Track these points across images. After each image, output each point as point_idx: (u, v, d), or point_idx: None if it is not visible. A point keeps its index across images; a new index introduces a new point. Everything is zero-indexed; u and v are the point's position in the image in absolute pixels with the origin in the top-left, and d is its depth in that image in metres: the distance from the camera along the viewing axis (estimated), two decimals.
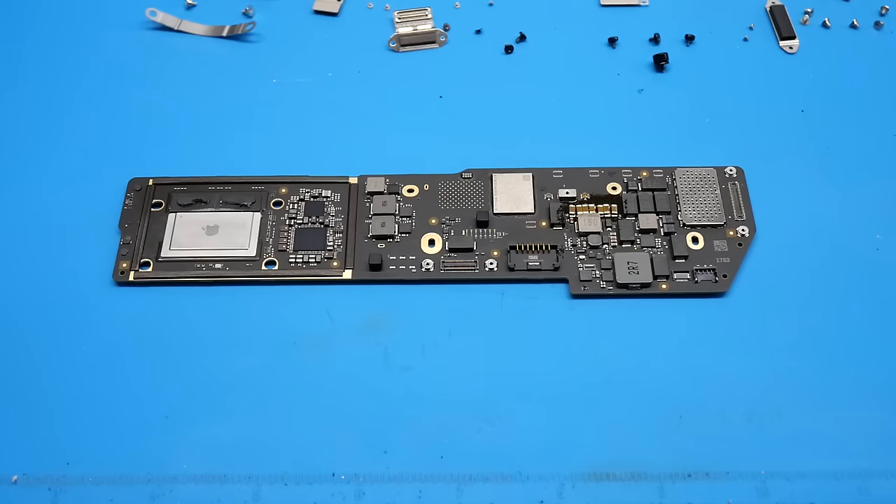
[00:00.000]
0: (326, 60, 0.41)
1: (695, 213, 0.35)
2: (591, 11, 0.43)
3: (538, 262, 0.34)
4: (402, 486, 0.29)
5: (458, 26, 0.42)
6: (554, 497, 0.29)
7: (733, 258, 0.34)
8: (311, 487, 0.29)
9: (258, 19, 0.42)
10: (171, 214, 0.35)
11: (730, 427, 0.30)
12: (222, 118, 0.39)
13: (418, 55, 0.42)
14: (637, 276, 0.33)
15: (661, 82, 0.40)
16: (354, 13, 0.43)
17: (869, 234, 0.35)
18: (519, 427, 0.30)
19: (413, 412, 0.30)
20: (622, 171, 0.36)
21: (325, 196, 0.36)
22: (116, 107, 0.39)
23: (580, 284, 0.33)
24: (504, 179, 0.36)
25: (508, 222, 0.35)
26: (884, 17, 0.43)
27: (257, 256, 0.34)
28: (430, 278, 0.34)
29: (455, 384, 0.31)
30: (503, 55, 0.42)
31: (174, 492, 0.29)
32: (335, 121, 0.39)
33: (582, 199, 0.36)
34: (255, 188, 0.36)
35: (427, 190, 0.36)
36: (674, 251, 0.34)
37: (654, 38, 0.42)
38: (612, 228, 0.35)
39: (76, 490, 0.29)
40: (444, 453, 0.30)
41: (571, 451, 0.30)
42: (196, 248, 0.34)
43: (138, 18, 0.42)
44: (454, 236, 0.34)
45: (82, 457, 0.29)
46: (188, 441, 0.30)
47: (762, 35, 0.42)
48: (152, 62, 0.41)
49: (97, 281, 0.34)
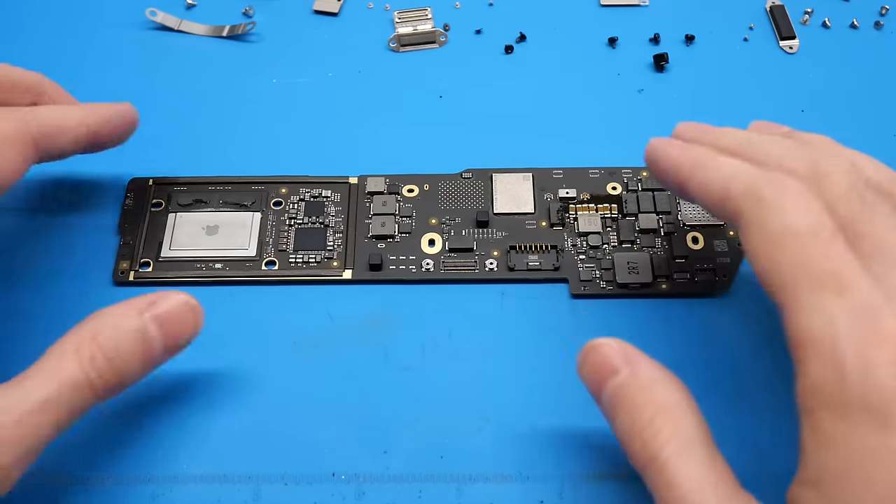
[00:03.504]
0: (326, 60, 0.41)
1: (695, 213, 0.35)
2: (591, 11, 0.43)
3: (538, 262, 0.34)
4: (402, 486, 0.29)
5: (458, 26, 0.43)
6: (554, 497, 0.29)
7: (733, 258, 0.34)
8: (311, 487, 0.29)
9: (258, 19, 0.42)
10: (171, 214, 0.35)
11: (731, 426, 0.30)
12: (222, 118, 0.39)
13: (418, 55, 0.42)
14: (637, 276, 0.33)
15: (661, 82, 0.40)
16: (354, 13, 0.43)
17: None
18: (519, 427, 0.30)
19: (413, 412, 0.30)
20: (622, 171, 0.36)
21: (325, 196, 0.36)
22: None
23: (580, 284, 0.33)
24: (504, 179, 0.36)
25: (508, 222, 0.35)
26: (884, 17, 0.43)
27: (257, 256, 0.34)
28: (430, 278, 0.34)
29: (455, 384, 0.31)
30: (503, 55, 0.42)
31: (174, 492, 0.29)
32: (335, 121, 0.39)
33: (582, 199, 0.36)
34: (255, 188, 0.36)
35: (427, 190, 0.36)
36: (674, 251, 0.34)
37: (654, 38, 0.42)
38: (612, 228, 0.35)
39: (76, 490, 0.29)
40: (444, 453, 0.30)
41: (571, 451, 0.30)
42: (196, 248, 0.34)
43: (138, 18, 0.42)
44: (454, 236, 0.34)
45: (82, 457, 0.29)
46: (188, 441, 0.30)
47: (762, 35, 0.42)
48: (152, 62, 0.41)
49: (97, 281, 0.34)
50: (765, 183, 0.24)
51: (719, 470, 0.23)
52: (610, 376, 0.25)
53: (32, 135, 0.29)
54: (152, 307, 0.27)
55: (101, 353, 0.25)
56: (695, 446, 0.23)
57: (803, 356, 0.22)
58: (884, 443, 0.20)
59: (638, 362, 0.25)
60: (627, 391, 0.25)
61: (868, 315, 0.21)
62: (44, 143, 0.29)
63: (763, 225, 0.23)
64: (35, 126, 0.29)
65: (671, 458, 0.23)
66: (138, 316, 0.26)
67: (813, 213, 0.23)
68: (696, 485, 0.22)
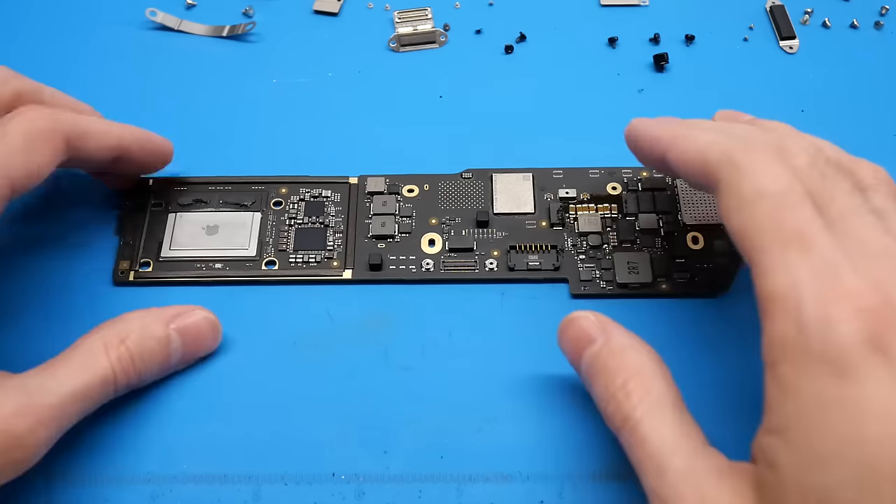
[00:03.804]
0: (326, 60, 0.41)
1: (695, 213, 0.35)
2: (591, 11, 0.43)
3: (538, 262, 0.34)
4: (402, 486, 0.29)
5: (458, 26, 0.43)
6: (554, 497, 0.29)
7: (733, 258, 0.34)
8: (311, 487, 0.29)
9: (258, 19, 0.42)
10: (171, 214, 0.35)
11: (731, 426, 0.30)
12: (222, 118, 0.39)
13: (418, 55, 0.42)
14: (637, 276, 0.33)
15: (661, 82, 0.40)
16: (354, 13, 0.43)
17: None
18: (519, 427, 0.30)
19: (413, 412, 0.30)
20: (622, 171, 0.36)
21: (325, 196, 0.36)
22: (116, 107, 0.39)
23: (580, 284, 0.33)
24: (504, 179, 0.36)
25: (508, 222, 0.35)
26: (884, 17, 0.43)
27: (257, 256, 0.34)
28: (430, 278, 0.34)
29: (455, 384, 0.31)
30: (503, 55, 0.42)
31: (174, 492, 0.29)
32: (335, 121, 0.39)
33: (582, 199, 0.36)
34: (255, 188, 0.36)
35: (427, 190, 0.36)
36: (674, 251, 0.34)
37: (654, 38, 0.42)
38: (612, 228, 0.35)
39: (76, 490, 0.29)
40: (444, 453, 0.30)
41: (571, 451, 0.30)
42: (196, 248, 0.34)
43: (138, 18, 0.42)
44: (454, 236, 0.34)
45: (82, 457, 0.29)
46: (188, 441, 0.30)
47: (762, 35, 0.42)
48: (152, 62, 0.41)
49: (97, 281, 0.34)
50: (739, 149, 0.25)
51: (688, 428, 0.25)
52: (587, 345, 0.27)
53: (65, 132, 0.29)
54: (178, 319, 0.30)
55: (129, 355, 0.28)
56: (664, 407, 0.25)
57: (769, 311, 0.23)
58: (841, 392, 0.21)
59: (612, 331, 0.27)
60: (602, 358, 0.27)
61: (829, 272, 0.22)
62: (74, 143, 0.30)
63: (738, 188, 0.25)
64: (68, 124, 0.30)
65: (643, 418, 0.25)
66: (164, 325, 0.29)
67: (783, 179, 0.24)
68: (666, 441, 0.24)
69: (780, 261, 0.23)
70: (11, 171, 0.27)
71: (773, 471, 0.22)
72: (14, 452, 0.25)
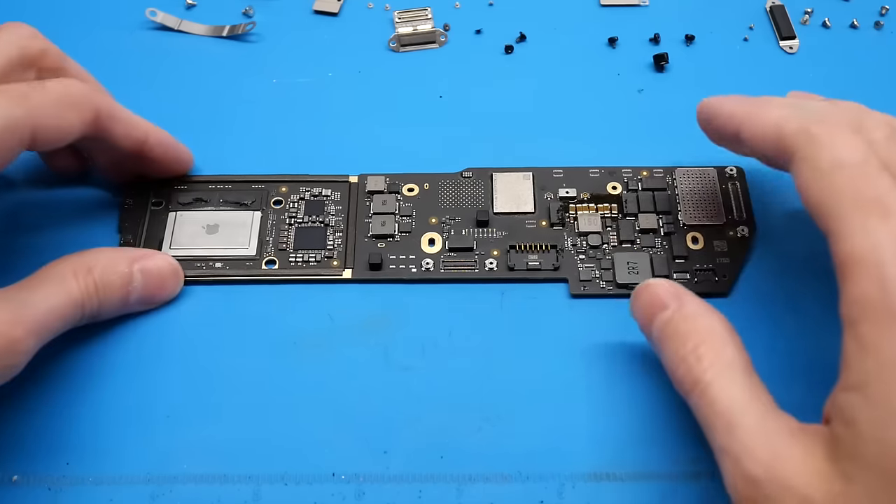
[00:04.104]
0: (326, 60, 0.41)
1: (695, 213, 0.35)
2: (591, 11, 0.43)
3: (538, 262, 0.34)
4: (402, 486, 0.29)
5: (458, 26, 0.43)
6: (554, 497, 0.29)
7: (733, 258, 0.34)
8: (311, 487, 0.29)
9: (258, 19, 0.42)
10: (172, 213, 0.35)
11: None
12: (222, 118, 0.39)
13: (418, 55, 0.42)
14: (637, 276, 0.33)
15: (661, 82, 0.40)
16: (354, 13, 0.43)
17: None
18: (519, 427, 0.30)
19: (413, 412, 0.30)
20: (622, 170, 0.36)
21: (325, 195, 0.36)
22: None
23: (580, 284, 0.33)
24: (504, 179, 0.36)
25: (508, 222, 0.35)
26: (884, 17, 0.43)
27: (257, 255, 0.34)
28: (430, 278, 0.34)
29: (455, 384, 0.31)
30: (503, 55, 0.42)
31: (174, 492, 0.29)
32: (335, 120, 0.39)
33: (582, 198, 0.36)
34: (255, 187, 0.36)
35: (427, 189, 0.36)
36: (674, 251, 0.34)
37: (654, 38, 0.42)
38: (612, 228, 0.35)
39: (76, 490, 0.29)
40: (444, 453, 0.30)
41: (571, 451, 0.30)
42: (196, 248, 0.34)
43: (138, 18, 0.42)
44: (454, 236, 0.34)
45: (82, 457, 0.29)
46: (188, 441, 0.30)
47: (762, 35, 0.42)
48: (152, 62, 0.41)
49: None
50: (815, 122, 0.26)
51: (758, 391, 0.25)
52: (659, 311, 0.28)
53: (97, 107, 0.30)
54: (142, 260, 0.32)
55: (94, 285, 0.30)
56: (735, 370, 0.25)
57: (849, 273, 0.24)
58: None
59: (684, 298, 0.28)
60: (674, 323, 0.27)
61: None
62: (104, 121, 0.31)
63: (815, 160, 0.25)
64: (103, 103, 0.31)
65: (713, 380, 0.25)
66: (129, 264, 0.31)
67: (860, 150, 0.25)
68: (736, 401, 0.24)
69: (860, 225, 0.24)
70: (40, 120, 0.28)
71: (849, 427, 0.22)
72: (10, 357, 0.26)
